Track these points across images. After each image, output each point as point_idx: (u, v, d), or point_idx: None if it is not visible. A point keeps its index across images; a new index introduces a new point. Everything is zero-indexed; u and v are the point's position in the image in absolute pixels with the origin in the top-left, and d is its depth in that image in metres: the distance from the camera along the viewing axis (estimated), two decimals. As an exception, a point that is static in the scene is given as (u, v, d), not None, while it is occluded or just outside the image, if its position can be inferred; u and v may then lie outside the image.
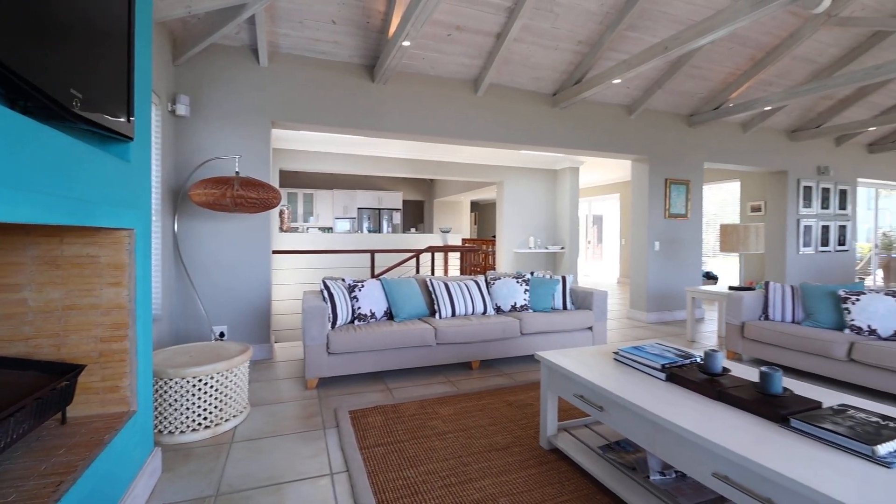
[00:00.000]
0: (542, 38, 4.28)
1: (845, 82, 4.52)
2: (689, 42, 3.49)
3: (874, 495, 1.08)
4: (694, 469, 1.43)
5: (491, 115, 4.82)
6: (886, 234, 9.43)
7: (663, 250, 5.69)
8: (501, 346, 3.62)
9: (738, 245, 4.35)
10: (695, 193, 5.86)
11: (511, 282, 3.95)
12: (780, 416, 1.45)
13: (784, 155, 6.62)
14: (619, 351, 2.14)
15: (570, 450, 2.08)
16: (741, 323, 3.76)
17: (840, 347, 3.09)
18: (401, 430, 2.51)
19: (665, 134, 5.73)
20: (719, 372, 1.79)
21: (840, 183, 7.17)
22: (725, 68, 5.11)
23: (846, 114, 6.52)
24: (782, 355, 3.47)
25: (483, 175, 7.76)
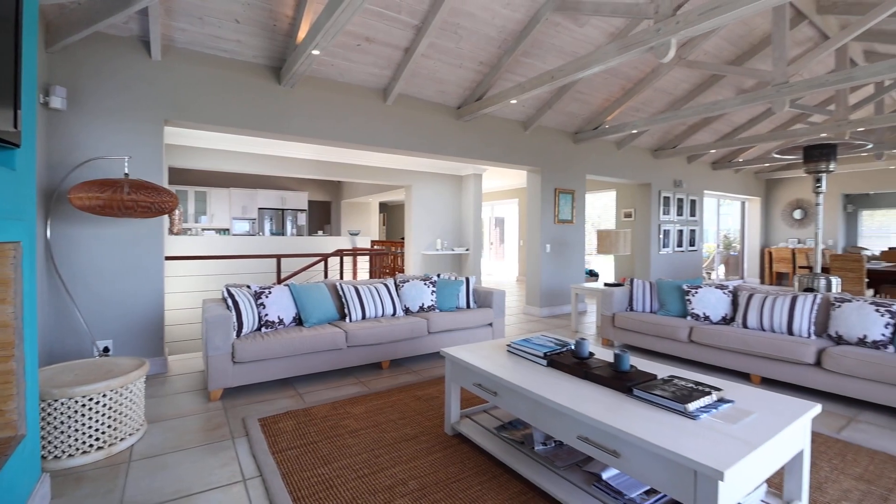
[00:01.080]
0: (447, 56, 4.58)
1: (692, 113, 5.51)
2: (572, 74, 4.02)
3: (684, 439, 1.48)
4: (565, 435, 1.77)
5: (399, 124, 5.01)
6: (727, 236, 11.45)
7: (553, 252, 6.38)
8: (410, 346, 3.83)
9: (611, 247, 5.08)
10: (579, 201, 6.65)
11: (419, 284, 4.18)
12: (627, 387, 1.86)
13: (648, 170, 7.78)
14: (511, 343, 2.48)
15: (470, 433, 2.36)
16: (612, 314, 4.43)
17: (683, 331, 3.83)
18: (313, 431, 2.59)
19: (555, 148, 6.42)
20: (587, 356, 2.20)
21: (691, 194, 8.61)
22: (603, 95, 5.90)
23: (695, 137, 7.87)
24: (643, 340, 4.18)
25: (392, 179, 7.92)
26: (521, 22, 4.35)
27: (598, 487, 1.83)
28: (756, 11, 2.94)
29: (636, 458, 1.51)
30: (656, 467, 1.45)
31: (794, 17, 5.11)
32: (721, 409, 1.68)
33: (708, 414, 1.64)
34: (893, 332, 3.01)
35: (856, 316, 3.15)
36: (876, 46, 5.70)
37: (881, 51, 5.81)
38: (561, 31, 4.60)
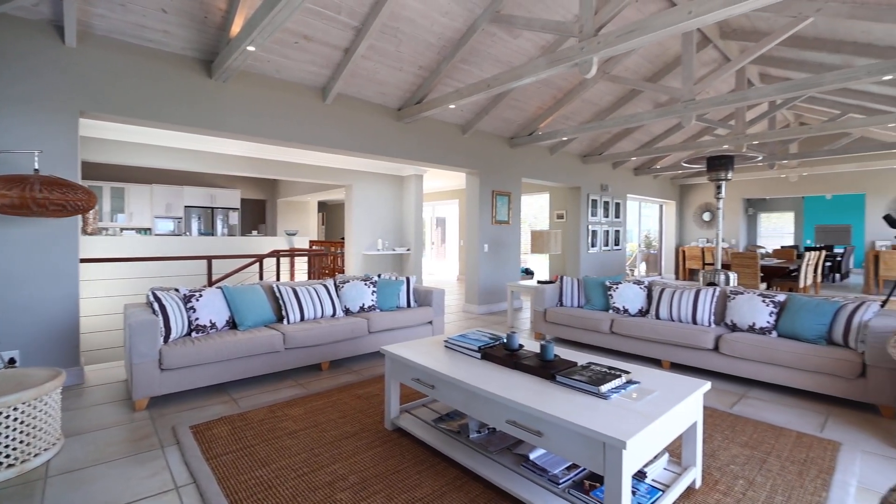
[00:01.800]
0: (387, 59, 4.64)
1: (614, 123, 5.98)
2: (506, 83, 4.24)
3: (596, 416, 1.67)
4: (495, 420, 1.92)
5: (339, 124, 4.99)
6: (647, 236, 12.45)
7: (491, 251, 6.64)
8: (351, 346, 3.85)
9: (543, 247, 5.40)
10: (515, 203, 6.98)
11: (359, 284, 4.21)
12: (550, 374, 2.05)
13: (578, 174, 8.30)
14: (449, 339, 2.61)
15: (410, 427, 2.46)
16: (544, 310, 4.73)
17: (605, 324, 4.19)
18: (250, 435, 2.56)
19: (492, 152, 6.68)
20: (517, 348, 2.38)
21: (616, 197, 9.29)
22: (536, 103, 6.24)
23: (619, 145, 8.52)
24: (572, 333, 4.50)
25: (331, 178, 7.81)
26: (458, 30, 4.51)
27: (525, 467, 2.01)
28: (666, 36, 3.30)
29: (556, 436, 1.69)
30: (573, 443, 1.63)
31: (701, 41, 5.71)
32: (629, 389, 1.92)
33: (618, 394, 1.87)
34: (776, 319, 3.51)
35: (747, 306, 3.64)
36: (769, 70, 6.50)
37: (773, 74, 6.64)
38: (497, 41, 4.82)
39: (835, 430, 2.69)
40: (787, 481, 2.09)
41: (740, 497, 1.96)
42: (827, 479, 2.11)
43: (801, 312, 3.34)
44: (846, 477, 2.13)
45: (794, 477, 2.13)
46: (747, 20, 5.23)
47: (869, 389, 2.88)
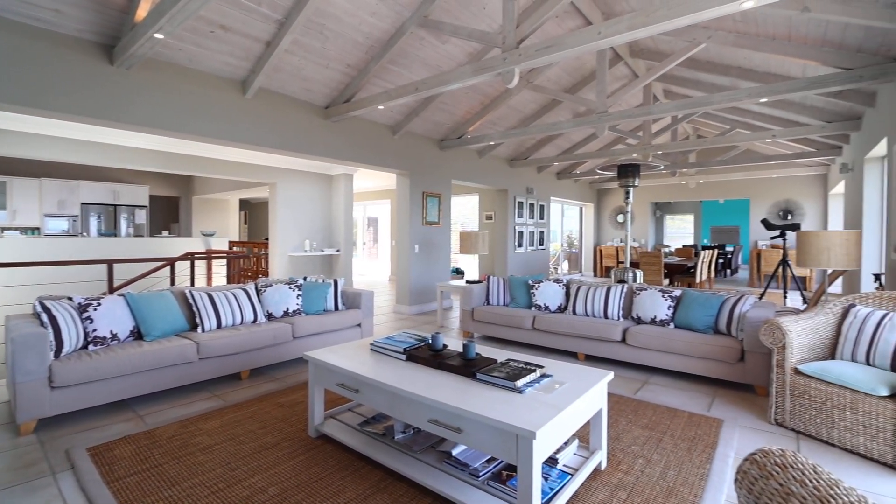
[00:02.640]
0: (313, 55, 4.51)
1: (537, 130, 6.30)
2: (434, 88, 4.31)
3: (511, 410, 1.77)
4: (418, 420, 1.97)
5: (261, 120, 4.77)
6: (569, 236, 13.23)
7: (422, 252, 6.70)
8: (273, 352, 3.70)
9: (471, 247, 5.56)
10: (445, 205, 7.10)
11: (283, 288, 4.06)
12: (471, 372, 2.14)
13: (505, 177, 8.63)
14: (375, 342, 2.61)
15: (334, 432, 2.43)
16: (472, 309, 4.88)
17: (528, 320, 4.42)
18: (158, 454, 2.38)
19: (422, 153, 6.74)
20: (441, 348, 2.45)
21: (540, 200, 9.78)
22: (465, 107, 6.39)
23: (543, 151, 8.97)
24: (498, 330, 4.69)
25: (254, 175, 7.42)
26: (387, 31, 4.50)
27: (448, 463, 2.08)
28: (580, 53, 3.54)
29: (474, 431, 1.77)
30: (489, 437, 1.72)
31: (614, 59, 6.19)
32: (542, 383, 2.06)
33: (532, 387, 1.99)
34: (674, 312, 3.92)
35: (649, 301, 4.02)
36: (672, 88, 7.19)
37: (675, 91, 7.36)
38: (426, 45, 4.88)
39: (719, 408, 3.07)
40: (679, 457, 2.35)
41: (639, 475, 2.18)
42: (711, 453, 2.40)
43: (692, 306, 3.76)
44: (726, 450, 2.45)
45: (684, 453, 2.40)
46: (652, 42, 5.76)
47: (747, 372, 3.32)
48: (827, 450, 2.49)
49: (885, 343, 2.60)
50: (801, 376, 2.68)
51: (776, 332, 2.78)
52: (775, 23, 4.04)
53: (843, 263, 3.39)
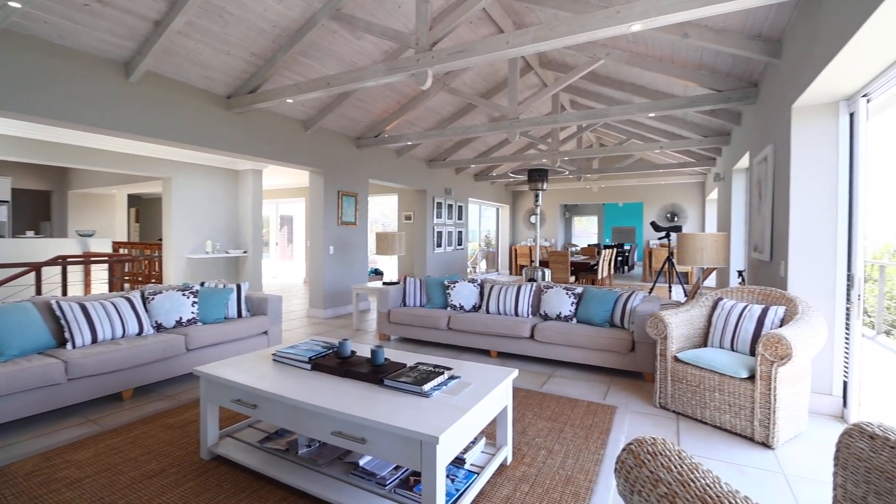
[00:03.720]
0: (211, 39, 4.14)
1: (454, 133, 6.39)
2: (346, 84, 4.17)
3: (417, 416, 1.76)
4: (321, 433, 1.88)
5: (150, 107, 4.28)
6: (487, 236, 13.65)
7: (337, 253, 6.48)
8: (163, 368, 3.34)
9: (388, 248, 5.49)
10: (362, 204, 6.94)
11: (176, 295, 3.68)
12: (379, 379, 2.09)
13: (424, 177, 8.67)
14: (278, 352, 2.46)
15: (230, 452, 2.24)
16: (388, 311, 4.82)
17: (443, 321, 4.46)
18: (11, 495, 2.02)
19: (338, 151, 6.52)
20: (349, 355, 2.37)
21: (459, 200, 9.96)
22: (382, 106, 6.29)
23: (460, 153, 9.14)
24: (414, 332, 4.68)
25: (145, 168, 6.65)
26: (296, 21, 4.27)
27: (355, 475, 2.01)
28: (489, 60, 3.64)
29: (379, 440, 1.73)
30: (394, 445, 1.69)
31: (525, 68, 6.47)
32: (450, 385, 2.07)
33: (439, 391, 2.00)
34: (576, 308, 4.19)
35: (555, 298, 4.26)
36: (578, 99, 7.68)
37: (580, 102, 7.87)
38: (339, 38, 4.71)
39: (614, 396, 3.34)
40: (577, 445, 2.51)
41: (541, 466, 2.29)
42: (605, 439, 2.60)
43: (592, 302, 4.05)
44: (618, 435, 2.66)
45: (582, 441, 2.57)
46: (559, 55, 6.12)
47: (637, 361, 3.65)
48: (701, 428, 2.81)
49: (745, 331, 3.00)
50: (679, 363, 3.00)
51: (659, 324, 3.08)
52: (661, 46, 4.49)
53: (713, 262, 3.87)
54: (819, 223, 3.04)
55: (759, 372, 2.58)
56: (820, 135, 3.02)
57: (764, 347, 2.54)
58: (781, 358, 2.47)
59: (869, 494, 1.19)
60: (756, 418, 2.60)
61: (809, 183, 3.05)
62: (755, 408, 2.60)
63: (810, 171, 3.05)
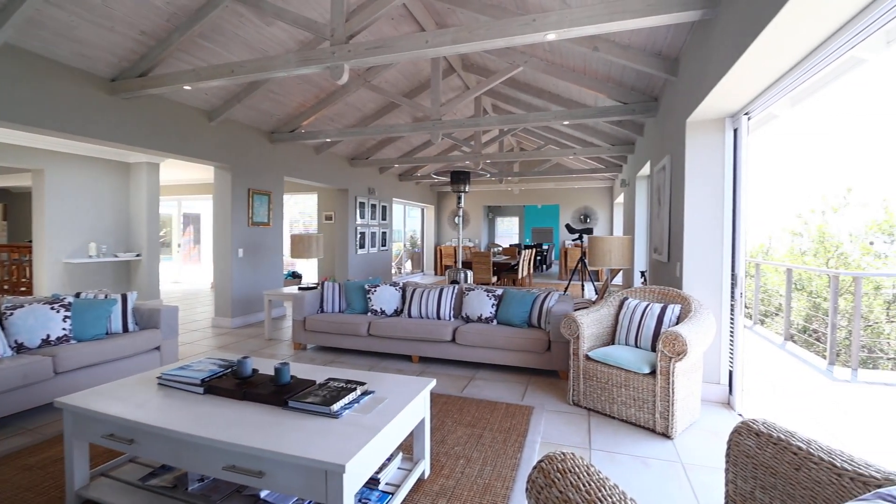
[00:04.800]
0: (90, 13, 3.58)
1: (376, 132, 6.21)
2: (254, 73, 3.83)
3: (323, 441, 1.61)
4: (212, 469, 1.66)
5: (11, 86, 3.61)
6: (412, 236, 13.56)
7: (248, 256, 5.99)
8: (24, 396, 2.81)
9: (304, 251, 5.18)
10: (276, 203, 6.49)
11: (42, 309, 3.12)
12: (283, 400, 1.90)
13: (346, 176, 8.36)
14: (163, 374, 2.15)
15: (105, 495, 1.91)
16: (304, 318, 4.53)
17: (363, 327, 4.29)
18: None
19: (248, 146, 6.03)
20: (250, 375, 2.14)
21: (382, 200, 9.76)
22: (298, 99, 5.92)
23: (384, 152, 8.95)
24: (332, 339, 4.45)
25: (8, 158, 5.64)
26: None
27: (256, 508, 1.81)
28: (410, 59, 3.55)
29: (279, 473, 1.55)
30: (296, 477, 1.53)
31: (448, 69, 6.46)
32: (363, 402, 1.95)
33: (350, 409, 1.86)
34: (496, 309, 4.24)
35: (476, 300, 4.28)
36: (499, 103, 7.84)
37: (502, 107, 8.04)
38: (246, 23, 4.33)
39: (531, 396, 3.42)
40: (495, 451, 2.51)
41: (460, 476, 2.24)
42: (522, 441, 2.62)
43: (511, 303, 4.13)
44: (534, 436, 2.71)
45: (500, 445, 2.57)
46: (480, 59, 6.19)
47: (553, 360, 3.77)
48: (610, 422, 2.96)
49: (647, 329, 3.21)
50: (590, 361, 3.14)
51: (572, 324, 3.20)
52: (575, 57, 4.70)
53: (620, 263, 4.12)
54: (709, 228, 3.34)
55: (660, 367, 2.76)
56: (710, 147, 3.32)
57: (663, 345, 2.72)
58: (678, 354, 2.67)
59: (756, 489, 1.27)
60: (657, 411, 2.78)
61: (701, 191, 3.35)
62: (656, 401, 2.78)
63: (702, 180, 3.34)
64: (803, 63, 2.25)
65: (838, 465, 1.11)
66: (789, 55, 2.20)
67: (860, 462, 1.09)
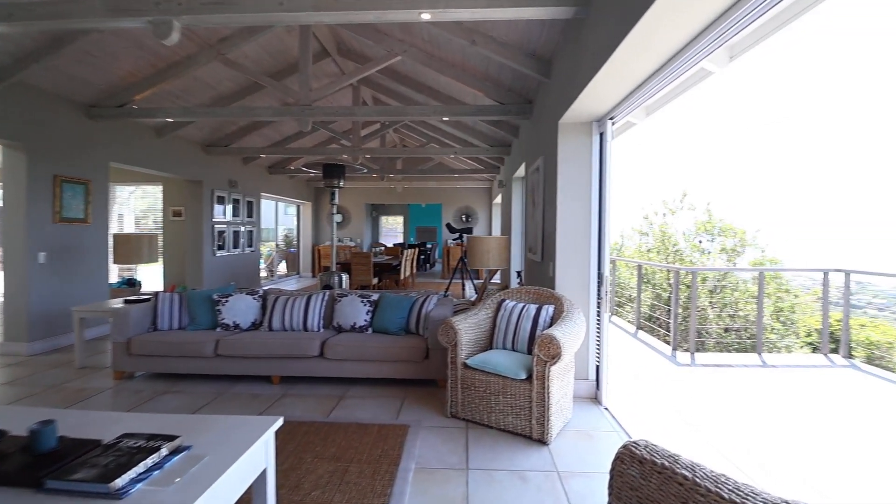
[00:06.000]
0: None
1: (231, 114, 5.36)
2: (42, 21, 2.89)
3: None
4: None
5: None
6: (287, 235, 12.44)
7: (54, 262, 4.68)
8: None
9: (132, 256, 4.19)
10: (98, 195, 5.22)
11: None
12: (37, 479, 1.29)
13: (200, 166, 7.18)
14: None
15: None
16: (128, 339, 3.61)
17: (209, 346, 3.56)
18: None
19: (54, 120, 4.72)
20: (-14, 442, 1.45)
21: (249, 195, 8.67)
22: (126, 66, 4.80)
23: (248, 139, 7.92)
24: (169, 363, 3.62)
25: None
26: None
27: None
28: (260, 22, 2.98)
29: None
30: None
31: (321, 52, 5.87)
32: (168, 467, 1.42)
33: (145, 482, 1.33)
34: (372, 317, 3.87)
35: (349, 307, 3.86)
36: (380, 96, 7.42)
37: (383, 100, 7.64)
38: (35, -45, 3.27)
39: (408, 412, 3.12)
40: (362, 489, 2.15)
41: (316, 532, 1.83)
42: (394, 472, 2.30)
43: (388, 309, 3.80)
44: (408, 463, 2.40)
45: (368, 481, 2.22)
46: (357, 44, 5.73)
47: (431, 368, 3.54)
48: (488, 433, 2.80)
49: (523, 331, 3.14)
50: (469, 370, 2.96)
51: (450, 331, 2.99)
52: (453, 51, 4.54)
53: (497, 263, 4.07)
54: (578, 229, 3.41)
55: (536, 372, 2.68)
56: (580, 150, 3.38)
57: (539, 348, 2.64)
58: (553, 357, 2.60)
59: (639, 529, 1.12)
60: (534, 417, 2.70)
61: (572, 192, 3.40)
62: (533, 407, 2.70)
63: (573, 182, 3.39)
64: (662, 70, 2.31)
65: (726, 496, 0.99)
66: (651, 60, 2.23)
67: (746, 491, 0.98)
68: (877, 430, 3.07)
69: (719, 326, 6.96)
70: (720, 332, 6.82)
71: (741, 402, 3.52)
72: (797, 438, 2.86)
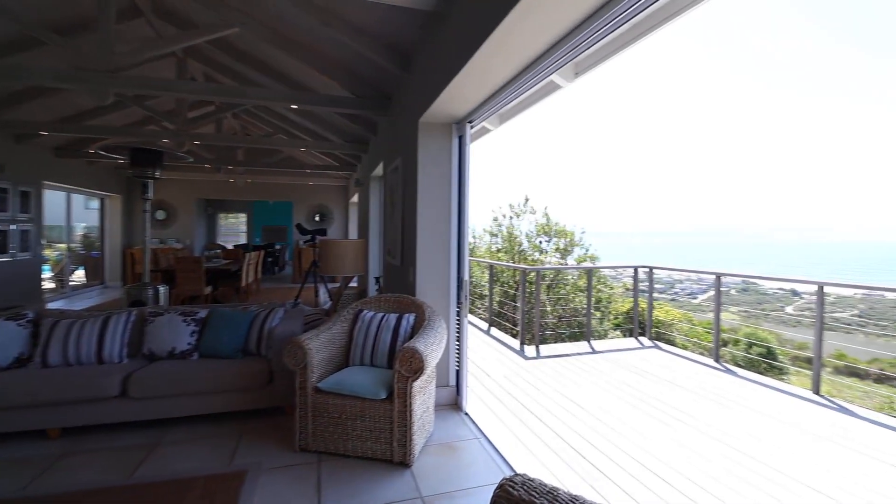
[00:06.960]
0: None
1: (-15, 71, 3.93)
2: None
3: None
4: None
5: None
6: (87, 235, 9.95)
7: None
8: None
9: None
10: None
11: None
12: None
13: (-67, 139, 5.18)
14: None
15: None
16: None
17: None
18: None
19: None
20: None
21: (24, 184, 6.63)
22: None
23: (25, 110, 6.02)
24: None
25: None
26: None
27: None
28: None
29: None
30: None
31: (131, 9, 4.72)
32: None
33: None
34: (198, 339, 3.17)
35: (167, 329, 3.10)
36: (216, 74, 6.34)
37: (219, 79, 6.53)
38: None
39: (246, 452, 2.60)
40: (175, 575, 1.63)
41: None
42: (223, 538, 1.83)
43: (220, 327, 3.16)
44: (243, 521, 1.95)
45: (185, 561, 1.71)
46: (182, 7, 4.76)
47: (275, 394, 3.04)
48: (344, 465, 2.48)
49: (383, 343, 2.89)
50: (321, 394, 2.59)
51: (298, 352, 2.58)
52: (303, 31, 4.05)
53: (354, 269, 3.74)
54: (439, 232, 3.30)
55: (397, 389, 2.46)
56: (440, 151, 3.27)
57: (400, 363, 2.43)
58: (416, 372, 2.42)
59: None
60: (395, 438, 2.47)
61: (432, 194, 3.27)
62: (394, 428, 2.47)
63: (434, 183, 3.27)
64: (518, 78, 2.31)
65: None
66: (510, 65, 2.20)
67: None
68: (677, 396, 3.65)
69: (555, 319, 7.78)
70: (556, 324, 7.62)
71: (581, 388, 3.86)
72: (622, 413, 3.20)
